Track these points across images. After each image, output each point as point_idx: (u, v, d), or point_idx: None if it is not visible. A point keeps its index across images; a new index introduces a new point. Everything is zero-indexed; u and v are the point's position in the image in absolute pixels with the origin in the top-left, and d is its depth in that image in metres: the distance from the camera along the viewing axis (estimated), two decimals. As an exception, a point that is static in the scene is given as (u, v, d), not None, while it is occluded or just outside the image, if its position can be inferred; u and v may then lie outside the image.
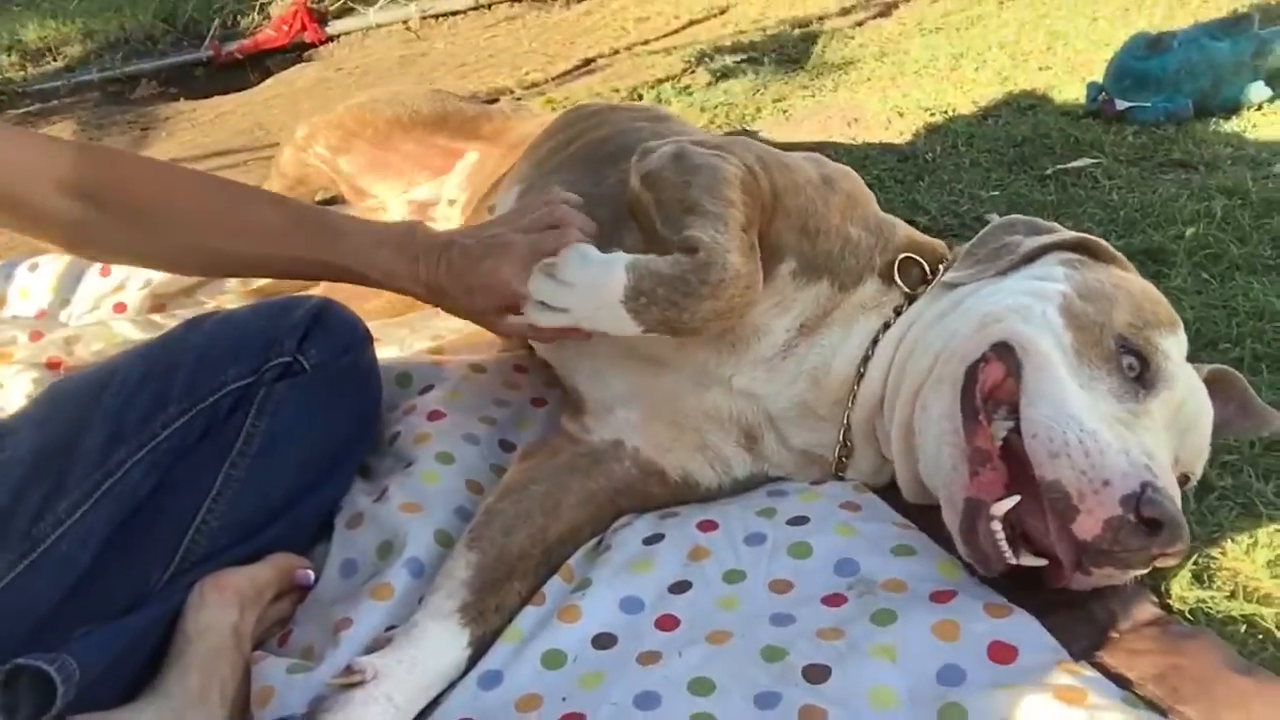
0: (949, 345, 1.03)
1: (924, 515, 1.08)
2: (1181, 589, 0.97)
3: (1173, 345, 1.01)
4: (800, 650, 0.92)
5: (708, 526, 1.10)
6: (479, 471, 1.22)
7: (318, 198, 1.99)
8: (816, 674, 0.90)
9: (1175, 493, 0.89)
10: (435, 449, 1.21)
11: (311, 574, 1.08)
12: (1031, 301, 1.01)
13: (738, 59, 3.01)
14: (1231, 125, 2.06)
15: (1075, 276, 1.05)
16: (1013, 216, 1.19)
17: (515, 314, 1.09)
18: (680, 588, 1.03)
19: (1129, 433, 0.91)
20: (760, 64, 2.93)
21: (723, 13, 3.60)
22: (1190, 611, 0.95)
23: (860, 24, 3.19)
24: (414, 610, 0.99)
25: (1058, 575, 0.92)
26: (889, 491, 1.14)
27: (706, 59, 3.04)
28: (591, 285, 1.01)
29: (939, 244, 1.21)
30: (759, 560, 1.05)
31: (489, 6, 4.15)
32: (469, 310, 1.15)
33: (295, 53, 3.94)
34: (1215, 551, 1.01)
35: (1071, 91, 2.34)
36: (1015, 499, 0.90)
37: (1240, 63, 2.12)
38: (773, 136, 2.29)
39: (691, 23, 3.55)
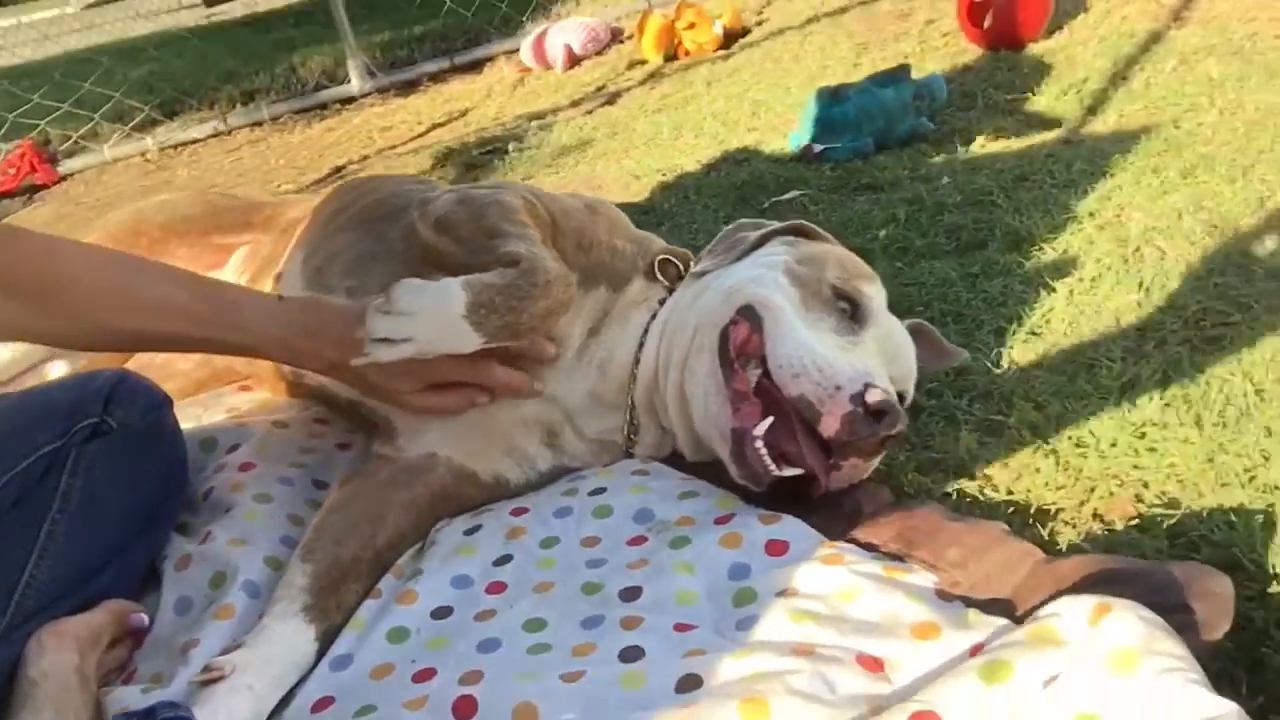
0: (703, 318, 1.23)
1: (702, 472, 1.27)
2: (909, 478, 1.20)
3: (874, 291, 1.26)
4: (614, 581, 1.07)
5: (519, 511, 1.23)
6: (297, 506, 1.29)
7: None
8: (630, 594, 1.04)
9: (893, 395, 1.12)
10: (252, 492, 1.28)
11: (145, 618, 1.11)
12: (763, 271, 1.24)
13: (483, 151, 3.23)
14: (906, 155, 2.45)
15: (793, 250, 1.29)
16: (740, 220, 1.44)
17: (433, 392, 1.21)
18: (503, 560, 1.15)
19: (851, 355, 1.13)
20: (505, 153, 3.16)
21: (463, 115, 3.83)
22: (916, 492, 1.18)
23: (590, 112, 3.50)
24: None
25: (816, 487, 1.12)
26: (670, 460, 1.32)
27: (454, 154, 3.24)
28: (432, 309, 1.11)
29: (687, 251, 1.43)
30: (569, 526, 1.19)
31: (229, 133, 4.19)
32: (378, 389, 1.23)
33: (25, 195, 3.81)
34: (930, 451, 1.25)
35: (776, 145, 2.69)
36: (770, 419, 1.10)
37: (904, 105, 2.53)
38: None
39: (435, 126, 3.75)
